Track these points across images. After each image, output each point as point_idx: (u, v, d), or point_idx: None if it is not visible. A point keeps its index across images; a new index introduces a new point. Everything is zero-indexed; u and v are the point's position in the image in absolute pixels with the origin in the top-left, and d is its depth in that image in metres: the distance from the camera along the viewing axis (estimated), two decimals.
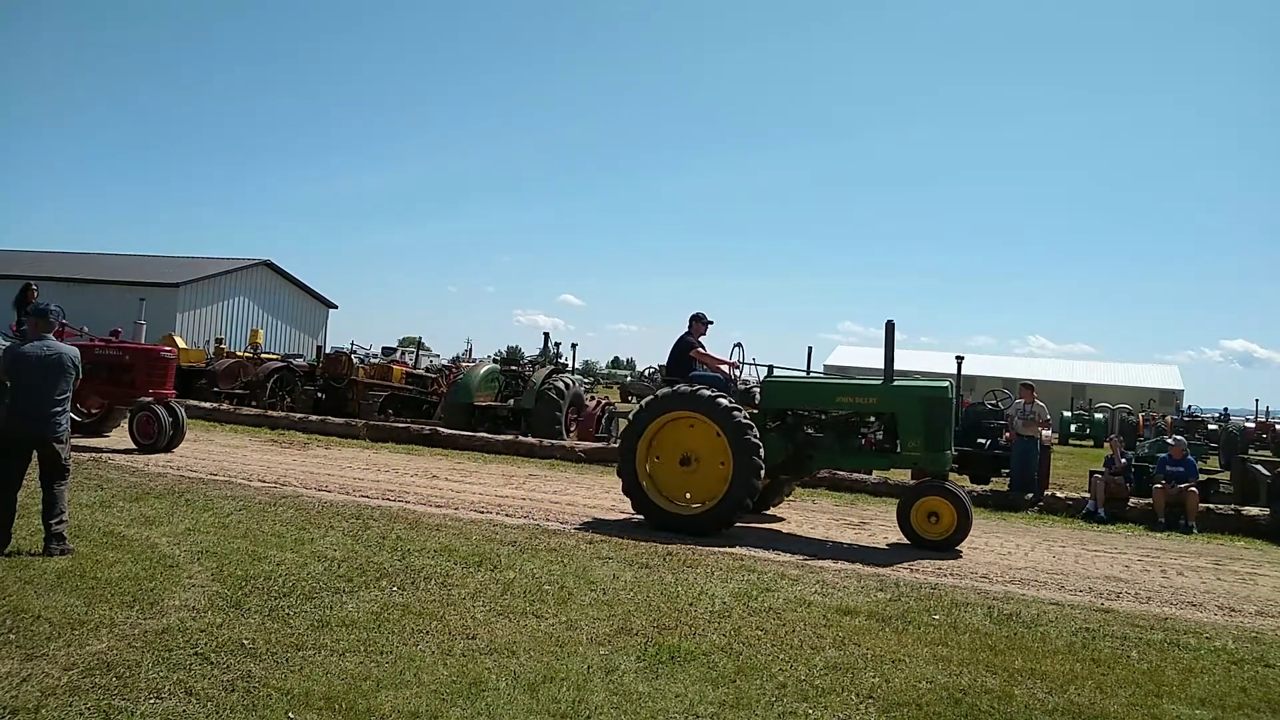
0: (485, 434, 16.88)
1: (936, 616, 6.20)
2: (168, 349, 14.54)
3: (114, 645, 4.52)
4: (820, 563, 8.05)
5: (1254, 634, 6.42)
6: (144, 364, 13.29)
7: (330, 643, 4.77)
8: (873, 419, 9.67)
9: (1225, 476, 16.27)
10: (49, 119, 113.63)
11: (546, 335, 22.30)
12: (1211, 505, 12.19)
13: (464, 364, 27.34)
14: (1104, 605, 7.02)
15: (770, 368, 10.40)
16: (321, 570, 6.32)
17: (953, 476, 13.75)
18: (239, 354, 29.25)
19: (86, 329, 15.64)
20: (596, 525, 9.22)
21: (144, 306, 20.97)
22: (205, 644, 4.61)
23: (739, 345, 10.33)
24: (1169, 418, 30.95)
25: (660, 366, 36.21)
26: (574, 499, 11.03)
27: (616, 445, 16.83)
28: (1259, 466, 14.05)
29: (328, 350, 30.87)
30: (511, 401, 19.14)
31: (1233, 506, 12.30)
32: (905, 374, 10.55)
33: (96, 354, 13.37)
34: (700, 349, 10.13)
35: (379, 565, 6.59)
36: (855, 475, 14.26)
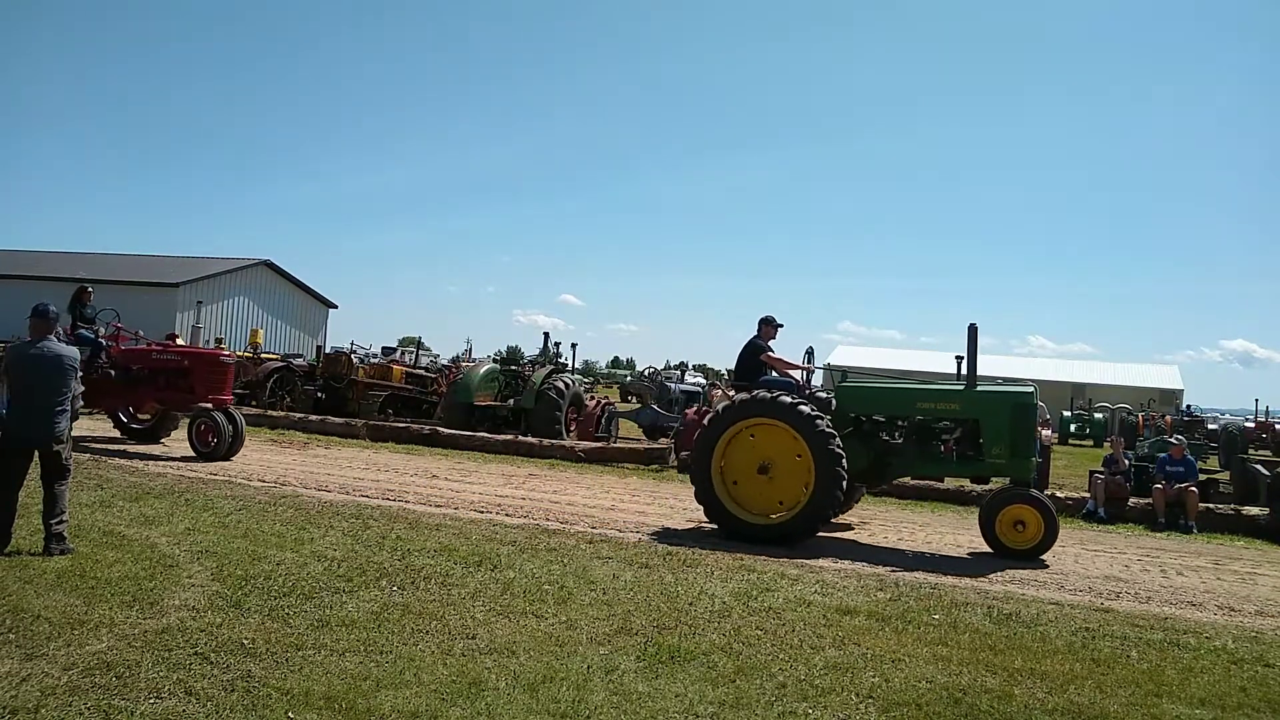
0: (485, 434, 16.87)
1: (936, 616, 6.20)
2: (227, 353, 14.17)
3: (114, 645, 4.52)
4: (820, 562, 8.05)
5: (1254, 634, 6.43)
6: (203, 369, 12.91)
7: (330, 643, 4.77)
8: (954, 425, 9.41)
9: (1225, 476, 16.28)
10: (49, 119, 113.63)
11: (546, 335, 22.31)
12: (1211, 505, 12.20)
13: (464, 364, 27.35)
14: (1104, 605, 7.02)
15: (844, 373, 10.18)
16: (321, 570, 6.32)
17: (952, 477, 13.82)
18: (239, 354, 29.29)
19: (141, 333, 15.45)
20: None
21: (200, 310, 20.28)
22: (205, 644, 4.61)
23: (810, 350, 10.23)
24: (1168, 417, 30.95)
25: (656, 368, 36.33)
26: (574, 499, 11.03)
27: (615, 444, 16.96)
28: (1259, 466, 14.06)
29: (328, 350, 30.89)
30: (511, 401, 19.14)
31: (1233, 506, 12.30)
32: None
33: (153, 359, 13.16)
34: (770, 353, 9.93)
35: (379, 565, 6.59)
36: None
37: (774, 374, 9.82)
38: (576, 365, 25.56)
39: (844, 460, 8.55)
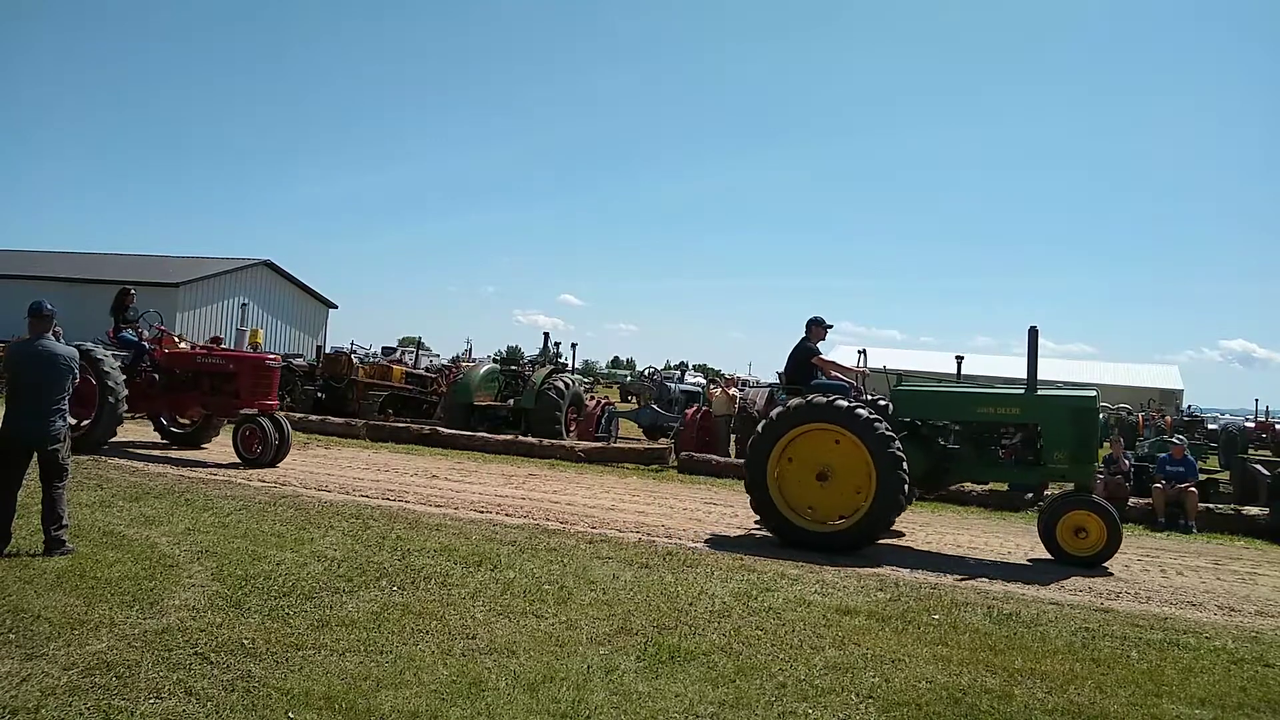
0: (485, 434, 16.87)
1: (936, 616, 6.20)
2: (272, 356, 13.83)
3: (114, 645, 4.52)
4: (820, 562, 8.04)
5: (1254, 634, 6.43)
6: (248, 374, 12.55)
7: (330, 643, 4.77)
8: (1014, 429, 9.25)
9: (1225, 476, 16.28)
10: (49, 119, 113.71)
11: (546, 335, 22.32)
12: (1211, 505, 12.21)
13: (464, 364, 27.35)
14: (1104, 605, 7.02)
15: (899, 376, 10.00)
16: (321, 570, 6.32)
17: None
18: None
19: (185, 336, 15.32)
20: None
21: (246, 312, 19.74)
22: (205, 644, 4.61)
23: (862, 352, 10.10)
24: (1168, 417, 30.95)
25: (655, 368, 36.30)
26: (574, 499, 11.03)
27: (615, 444, 16.97)
28: (1259, 466, 14.06)
29: (328, 350, 30.87)
30: (511, 401, 19.14)
31: (1232, 506, 12.31)
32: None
33: (198, 363, 12.90)
34: (821, 355, 9.75)
35: (379, 565, 6.59)
36: None
37: (825, 377, 9.60)
38: (576, 365, 25.56)
39: (905, 466, 8.36)
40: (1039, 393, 9.06)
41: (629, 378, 44.98)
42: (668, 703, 4.25)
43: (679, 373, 39.88)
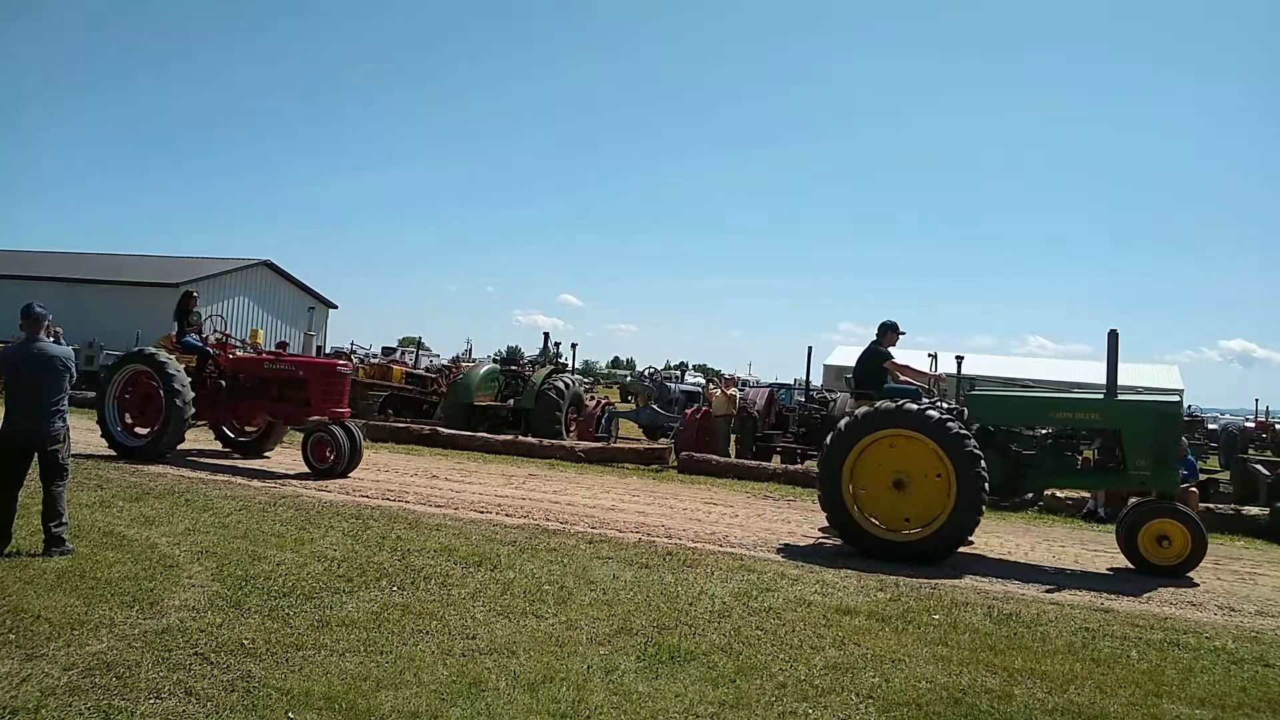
0: (485, 434, 16.87)
1: (936, 616, 6.20)
2: (344, 362, 13.30)
3: (114, 645, 4.52)
4: (820, 562, 8.04)
5: (1254, 634, 6.42)
6: (319, 380, 12.03)
7: (330, 643, 4.77)
8: (1093, 435, 9.07)
9: (1225, 476, 16.27)
10: (49, 119, 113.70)
11: (546, 335, 22.34)
12: (1211, 505, 12.20)
13: (464, 364, 27.35)
14: (1104, 605, 7.02)
15: (972, 382, 9.87)
16: (321, 570, 6.32)
17: None
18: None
19: (245, 340, 15.08)
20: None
21: (312, 316, 18.87)
22: (205, 644, 4.61)
23: (933, 356, 9.97)
24: None
25: (656, 368, 36.26)
26: (574, 499, 11.03)
27: (615, 444, 16.97)
28: (1259, 466, 14.06)
29: (327, 350, 30.85)
30: (511, 401, 19.14)
31: (1233, 506, 12.31)
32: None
33: (265, 369, 12.43)
34: (894, 359, 9.63)
35: (379, 565, 6.59)
36: None
37: (895, 381, 9.48)
38: (576, 365, 25.56)
39: (986, 476, 8.16)
40: (1120, 398, 8.87)
41: (629, 378, 44.94)
42: (668, 703, 4.25)
43: (679, 373, 39.90)
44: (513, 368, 20.64)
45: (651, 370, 33.15)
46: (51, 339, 6.73)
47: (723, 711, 4.21)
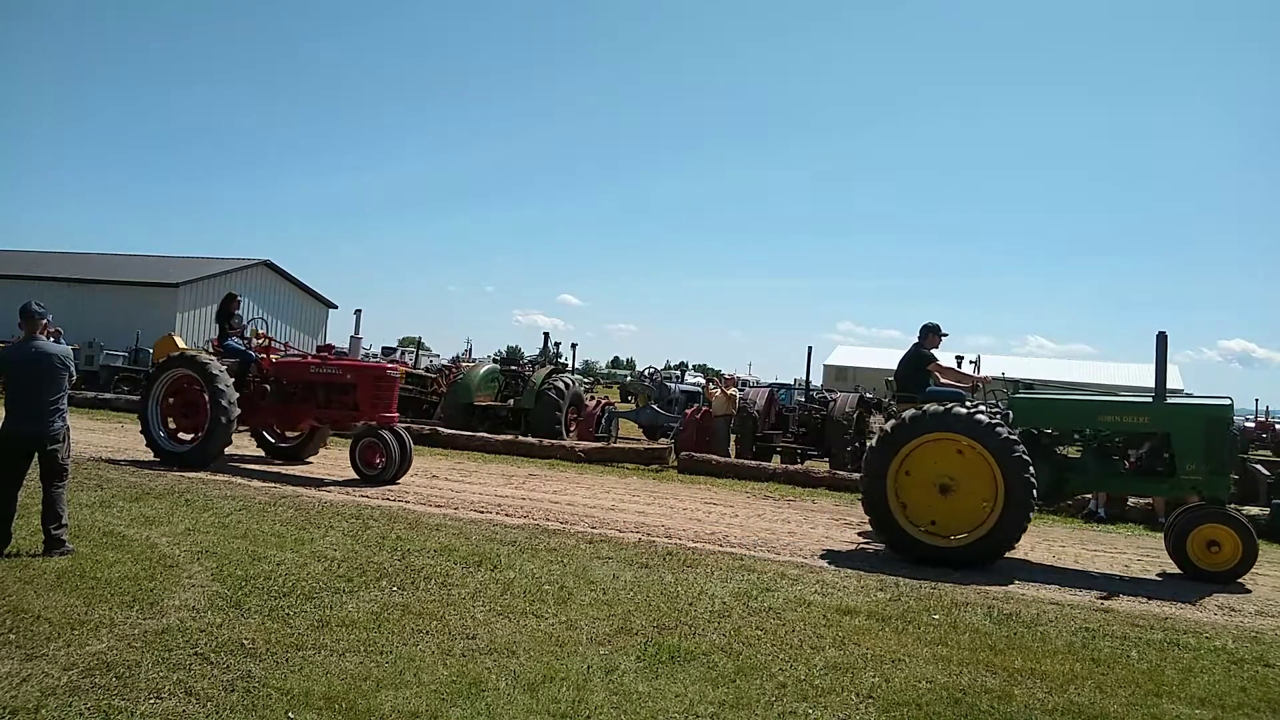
0: (485, 434, 16.88)
1: (936, 616, 6.20)
2: (392, 366, 12.99)
3: (114, 645, 4.52)
4: (820, 562, 8.05)
5: (1254, 634, 6.43)
6: (368, 384, 11.71)
7: (330, 643, 4.77)
8: (1141, 439, 8.91)
9: None
10: (49, 119, 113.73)
11: (546, 335, 22.35)
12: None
13: (464, 364, 27.35)
14: (1104, 605, 7.02)
15: (1016, 384, 9.71)
16: (321, 570, 6.32)
17: None
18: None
19: (290, 344, 14.81)
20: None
21: (359, 319, 18.20)
22: (205, 644, 4.61)
23: (976, 360, 9.86)
24: None
25: (656, 368, 36.29)
26: (574, 499, 11.03)
27: (615, 444, 16.98)
28: (1259, 466, 14.04)
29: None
30: (511, 401, 19.15)
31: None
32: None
33: (311, 373, 12.07)
34: (937, 362, 9.60)
35: (379, 565, 6.59)
36: (855, 475, 14.28)
37: (937, 384, 9.40)
38: (576, 365, 25.57)
39: (1035, 480, 8.04)
40: (1170, 401, 8.75)
41: (629, 378, 44.95)
42: (668, 703, 4.25)
43: (679, 373, 39.91)
44: (513, 368, 20.64)
45: (651, 370, 33.16)
46: (51, 338, 6.72)
47: (723, 711, 4.21)
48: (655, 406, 22.62)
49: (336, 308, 49.91)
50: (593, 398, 21.16)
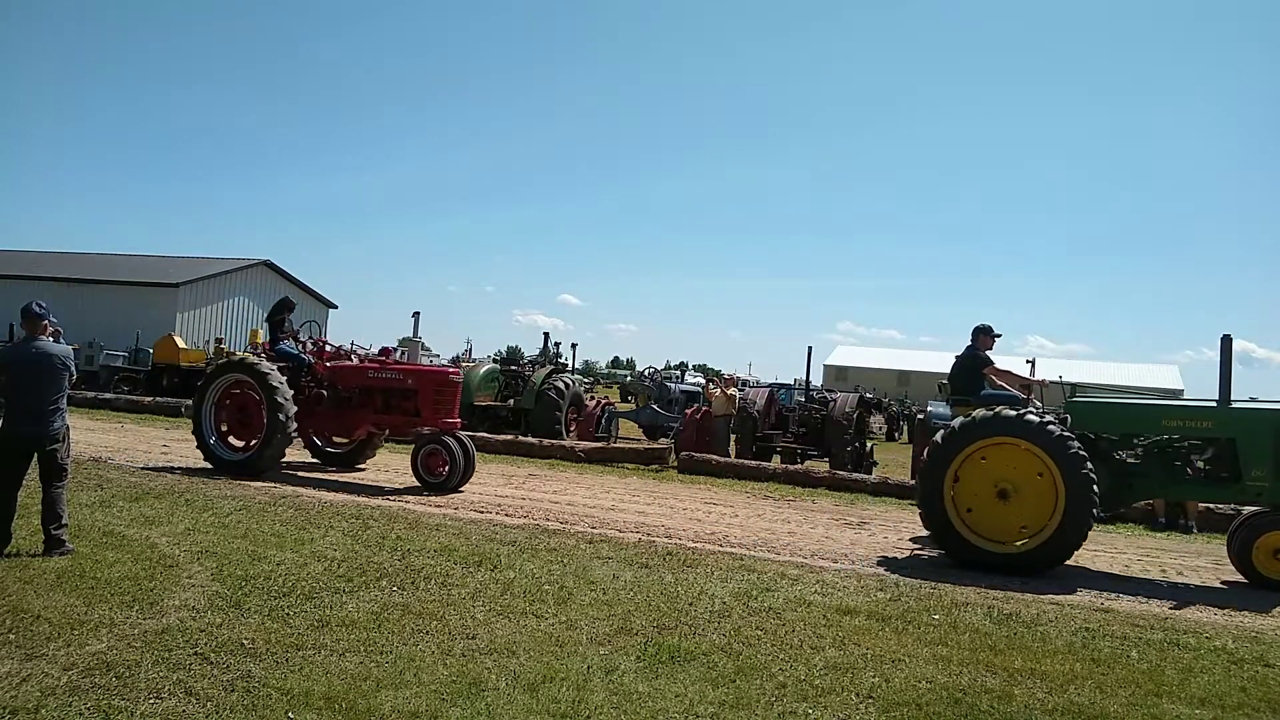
0: (485, 434, 16.87)
1: (936, 616, 6.20)
2: (454, 370, 12.63)
3: (114, 645, 4.52)
4: (820, 562, 8.05)
5: (1254, 634, 6.42)
6: (430, 389, 11.42)
7: (330, 643, 4.77)
8: (1204, 445, 8.69)
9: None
10: (49, 119, 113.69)
11: (546, 335, 22.36)
12: (1211, 505, 12.18)
13: (464, 364, 27.37)
14: (1104, 605, 7.02)
15: (1073, 387, 9.62)
16: (321, 570, 6.32)
17: None
18: (239, 354, 29.22)
19: (356, 345, 14.52)
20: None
21: (417, 321, 17.78)
22: (205, 644, 4.61)
23: (1031, 362, 9.70)
24: None
25: (656, 368, 36.34)
26: (574, 499, 11.04)
27: (615, 444, 16.98)
28: None
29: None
30: (511, 401, 19.15)
31: (1233, 506, 12.27)
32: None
33: (370, 378, 11.77)
34: (993, 365, 9.47)
35: (379, 565, 6.59)
36: (855, 475, 14.31)
37: (992, 387, 9.26)
38: (576, 365, 25.58)
39: (1096, 485, 7.90)
40: (1235, 405, 8.57)
41: (629, 378, 45.00)
42: (668, 703, 4.25)
43: (679, 373, 39.92)
44: (513, 368, 20.65)
45: (651, 370, 33.19)
46: (51, 338, 6.73)
47: (723, 711, 4.21)
48: (655, 406, 22.63)
49: (336, 307, 49.96)
50: (593, 398, 21.17)
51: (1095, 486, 7.91)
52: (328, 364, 12.10)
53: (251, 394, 11.25)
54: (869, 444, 18.38)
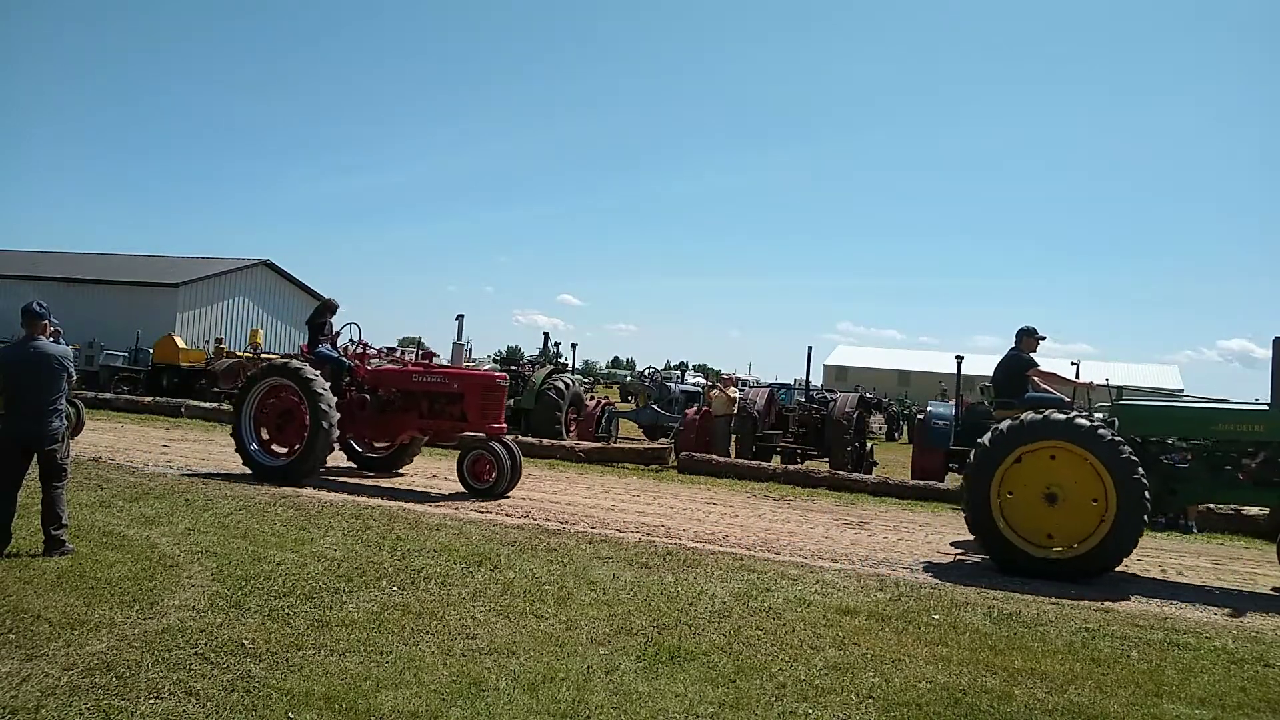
0: None
1: (936, 616, 6.20)
2: (500, 375, 12.48)
3: (114, 645, 4.52)
4: (820, 562, 8.05)
5: (1254, 634, 6.42)
6: (476, 394, 11.25)
7: (330, 643, 4.77)
8: (1257, 449, 8.51)
9: None
10: (49, 119, 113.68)
11: (546, 335, 22.37)
12: (1211, 505, 12.18)
13: (463, 364, 27.35)
14: (1104, 605, 7.02)
15: (1119, 390, 9.48)
16: (321, 570, 6.32)
17: (951, 477, 13.80)
18: (239, 354, 29.25)
19: (395, 348, 14.24)
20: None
21: (461, 324, 17.45)
22: (205, 644, 4.61)
23: (1076, 364, 9.56)
24: None
25: (656, 368, 36.30)
26: (574, 499, 11.04)
27: (615, 444, 16.98)
28: None
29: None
30: (511, 401, 19.13)
31: (1233, 506, 12.28)
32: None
33: (413, 382, 11.57)
34: (1038, 367, 9.38)
35: (379, 565, 6.59)
36: (855, 476, 14.31)
37: (1036, 390, 9.17)
38: (576, 365, 25.58)
39: (1148, 491, 7.76)
40: None
41: (629, 378, 44.98)
42: (668, 703, 4.25)
43: (679, 373, 39.90)
44: (513, 368, 20.65)
45: (651, 370, 33.17)
46: (50, 338, 6.72)
47: (723, 711, 4.21)
48: (655, 406, 22.64)
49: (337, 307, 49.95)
50: (593, 398, 21.16)
51: (1146, 484, 7.77)
52: (369, 367, 11.91)
53: (293, 399, 10.98)
54: (869, 444, 18.39)
